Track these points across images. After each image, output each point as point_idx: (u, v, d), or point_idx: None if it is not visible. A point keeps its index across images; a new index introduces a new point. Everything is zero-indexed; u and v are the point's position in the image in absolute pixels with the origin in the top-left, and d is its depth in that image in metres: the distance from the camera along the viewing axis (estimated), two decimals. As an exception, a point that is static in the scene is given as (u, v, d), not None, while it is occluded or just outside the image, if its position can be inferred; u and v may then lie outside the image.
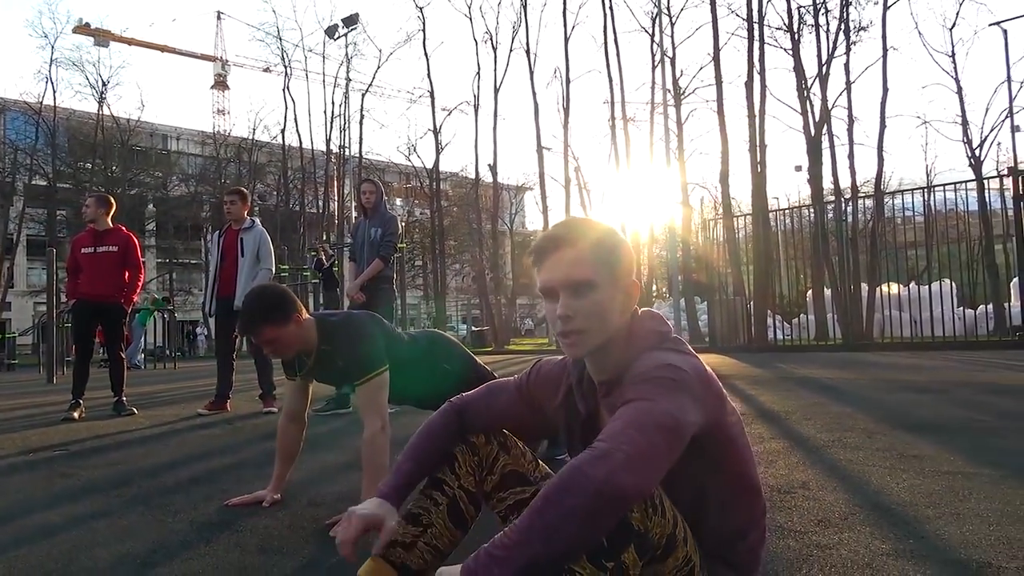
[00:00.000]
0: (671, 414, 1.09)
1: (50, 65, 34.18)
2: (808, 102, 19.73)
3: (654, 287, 33.97)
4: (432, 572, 1.32)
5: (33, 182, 34.72)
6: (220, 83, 48.95)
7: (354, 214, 28.47)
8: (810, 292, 18.23)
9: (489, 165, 29.46)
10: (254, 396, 5.95)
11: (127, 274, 5.87)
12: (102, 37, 40.47)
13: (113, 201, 6.13)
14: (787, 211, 17.37)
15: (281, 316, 2.35)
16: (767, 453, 3.22)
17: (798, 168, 29.80)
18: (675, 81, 23.09)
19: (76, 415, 5.51)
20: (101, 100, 35.03)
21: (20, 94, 34.41)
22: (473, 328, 25.72)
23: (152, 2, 79.94)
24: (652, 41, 23.75)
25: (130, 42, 44.61)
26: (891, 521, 2.16)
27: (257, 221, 5.93)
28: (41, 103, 33.85)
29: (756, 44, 19.25)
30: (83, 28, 39.84)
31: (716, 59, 20.11)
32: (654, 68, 23.85)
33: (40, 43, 42.75)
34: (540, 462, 1.54)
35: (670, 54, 23.08)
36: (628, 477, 1.02)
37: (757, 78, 19.03)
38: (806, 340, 14.73)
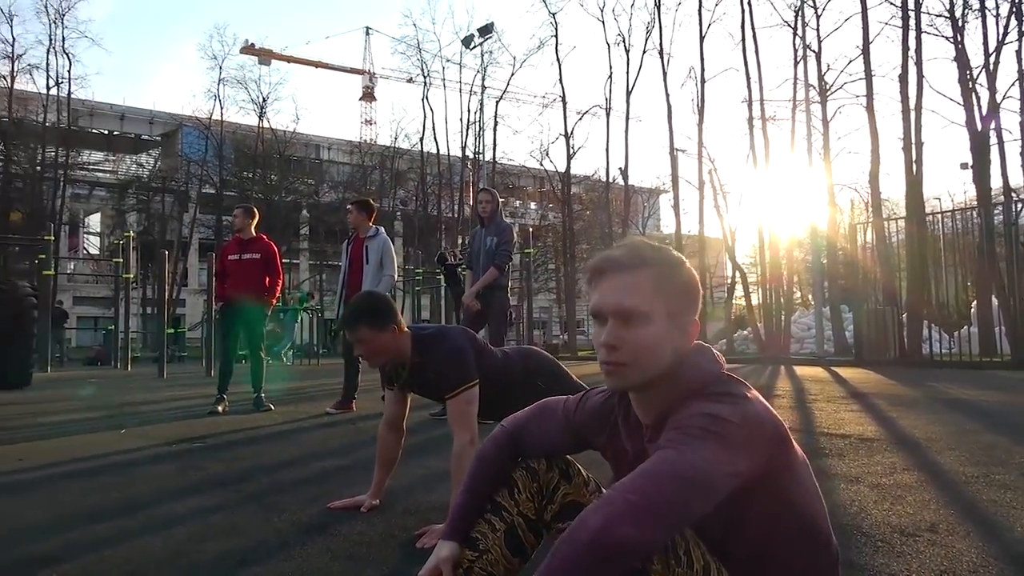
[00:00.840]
0: (695, 466, 1.01)
1: (218, 84, 37.43)
2: (973, 94, 18.01)
3: (796, 294, 32.24)
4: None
5: (203, 191, 38.14)
6: (368, 95, 51.47)
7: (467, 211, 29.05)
8: (975, 302, 16.60)
9: (620, 168, 29.21)
10: (379, 397, 6.18)
11: (268, 279, 6.30)
12: (265, 56, 43.69)
13: (257, 212, 6.60)
14: (948, 213, 15.90)
15: (379, 321, 2.46)
16: (895, 487, 2.94)
17: (964, 166, 27.23)
18: (820, 76, 21.78)
19: (220, 409, 5.96)
20: (261, 114, 37.91)
21: (193, 111, 37.92)
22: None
23: (308, 21, 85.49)
24: (795, 35, 22.51)
25: (289, 60, 47.82)
26: (1029, 578, 1.91)
27: (381, 230, 6.16)
28: (210, 119, 37.11)
29: (912, 33, 17.82)
30: (248, 49, 43.20)
31: (866, 51, 18.80)
32: (796, 63, 22.63)
33: (210, 64, 46.76)
34: (603, 491, 1.48)
35: (814, 48, 21.82)
36: (628, 528, 0.96)
37: (913, 70, 17.61)
38: (968, 355, 13.39)
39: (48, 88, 31.81)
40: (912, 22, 17.89)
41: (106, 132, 42.98)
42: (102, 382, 10.69)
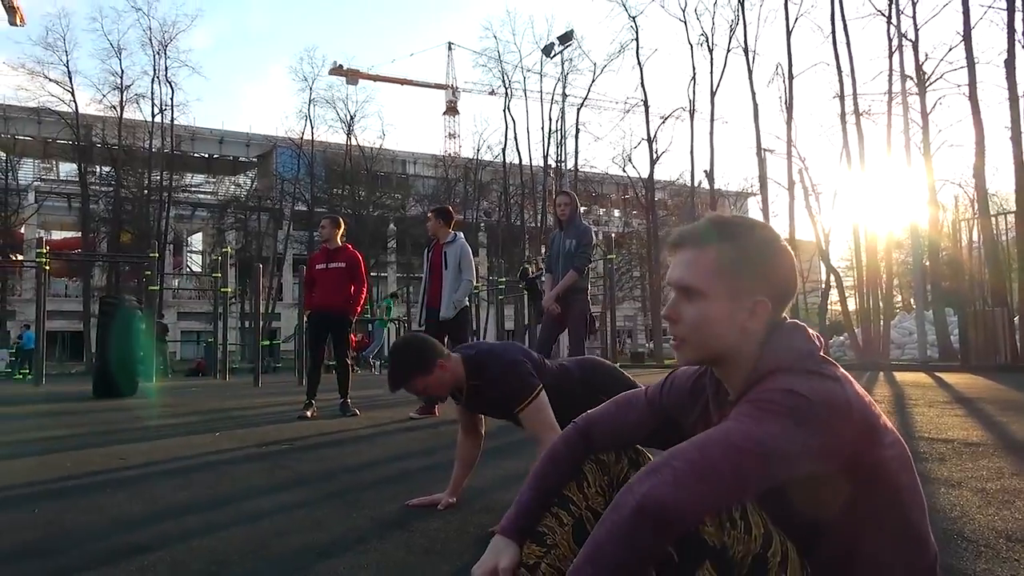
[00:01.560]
0: (751, 435, 0.97)
1: (308, 104, 38.98)
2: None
3: (897, 298, 30.67)
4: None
5: (296, 208, 39.73)
6: (451, 108, 52.51)
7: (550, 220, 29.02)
8: (1098, 302, 15.33)
9: (705, 171, 28.61)
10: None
11: (353, 288, 6.47)
12: (352, 76, 45.27)
13: (342, 222, 6.81)
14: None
15: (425, 366, 2.43)
16: (1001, 492, 2.73)
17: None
18: (918, 67, 20.66)
19: (309, 414, 6.15)
20: (349, 132, 39.24)
21: (286, 132, 39.62)
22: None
23: (392, 40, 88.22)
24: (889, 24, 21.44)
25: (375, 78, 49.37)
26: None
27: (460, 235, 6.24)
28: (301, 138, 38.67)
29: (1019, 15, 16.71)
30: (337, 69, 44.87)
31: (967, 38, 17.75)
32: (892, 54, 21.53)
33: (300, 85, 48.75)
34: None
35: (911, 37, 20.73)
36: (672, 494, 0.94)
37: (1021, 54, 16.50)
38: (1091, 359, 12.38)
39: (153, 115, 33.98)
40: (1019, 3, 16.80)
41: (206, 156, 45.49)
42: (201, 390, 11.25)
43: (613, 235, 24.78)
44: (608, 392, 2.62)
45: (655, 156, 31.23)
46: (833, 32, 22.42)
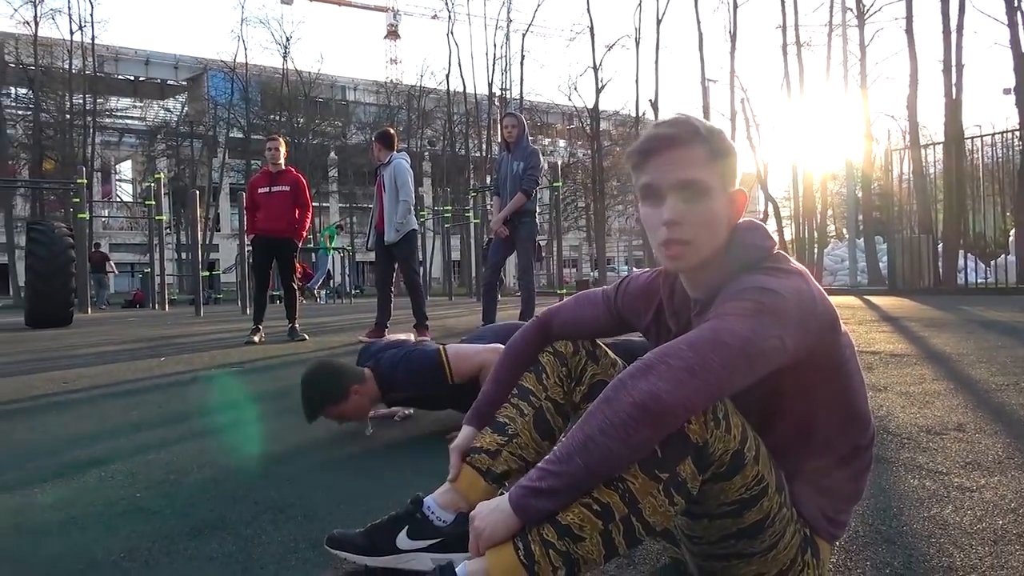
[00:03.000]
0: (738, 334, 1.01)
1: (241, 24, 37.10)
2: (1019, 12, 17.12)
3: (831, 227, 31.66)
4: (518, 478, 1.33)
5: (231, 135, 38.19)
6: (392, 32, 50.70)
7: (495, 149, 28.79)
8: (1013, 231, 16.15)
9: (650, 101, 28.54)
10: (411, 326, 6.27)
11: (297, 212, 6.34)
12: (287, -4, 43.03)
13: (285, 142, 6.61)
14: (988, 138, 15.31)
15: (338, 394, 2.33)
16: (923, 395, 2.93)
17: (1007, 91, 26.14)
18: (859, -1, 20.86)
19: (256, 339, 6.10)
20: (285, 55, 37.58)
21: (217, 53, 37.69)
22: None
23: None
24: (833, -46, 21.48)
25: (311, -1, 47.10)
26: (1056, 468, 1.91)
27: (396, 155, 6.06)
28: (235, 61, 36.89)
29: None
30: (269, -12, 42.58)
31: (908, -30, 17.89)
32: (835, -15, 21.65)
33: (232, 3, 46.22)
34: None
35: (854, -32, 20.82)
36: (669, 390, 0.97)
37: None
38: (1005, 283, 13.11)
39: (72, 32, 31.80)
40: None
41: (132, 78, 43.04)
42: (141, 320, 10.98)
43: (559, 164, 24.69)
44: None
45: (600, 85, 30.97)
46: (779, -40, 22.31)
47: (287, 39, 37.55)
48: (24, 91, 32.45)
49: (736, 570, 1.15)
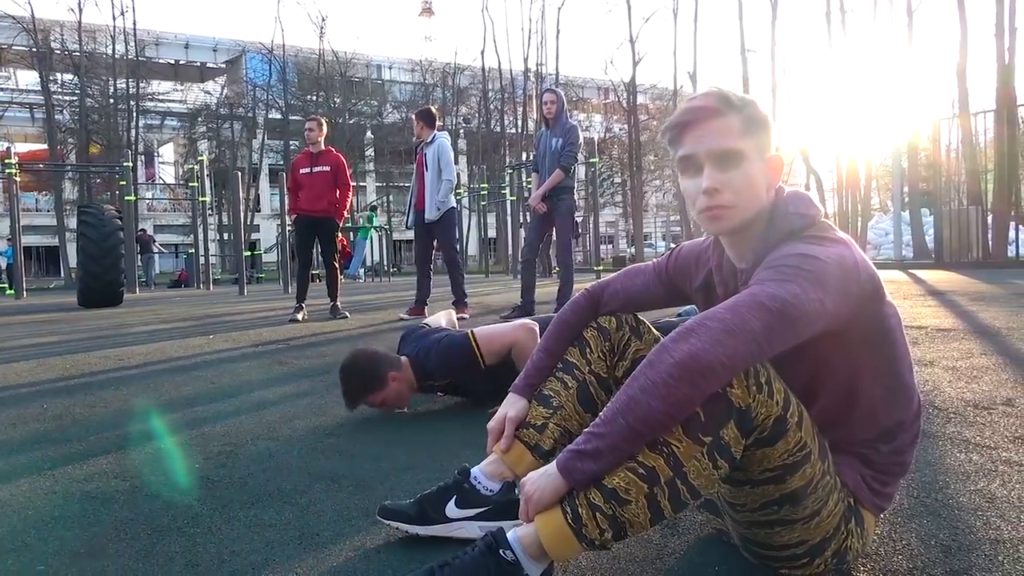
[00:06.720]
0: (779, 297, 1.03)
1: (277, 5, 37.25)
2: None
3: (876, 199, 30.88)
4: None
5: (270, 116, 38.63)
6: (426, 10, 50.58)
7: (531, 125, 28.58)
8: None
9: (689, 73, 28.05)
10: (450, 303, 6.34)
11: (338, 191, 6.44)
12: (321, -26, 43.14)
13: (326, 123, 6.69)
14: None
15: (377, 383, 2.39)
16: (970, 369, 2.88)
17: (1066, 54, 25.03)
18: (908, -39, 20.09)
19: (300, 317, 6.23)
20: (321, 35, 37.76)
21: (254, 36, 38.05)
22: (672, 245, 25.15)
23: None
24: (880, -83, 20.72)
25: (344, -23, 47.07)
26: (1109, 442, 1.88)
27: (438, 134, 6.14)
28: (272, 42, 37.20)
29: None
30: (305, -33, 42.75)
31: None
32: (882, -52, 20.92)
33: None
34: None
35: (902, -70, 20.06)
36: (709, 349, 0.99)
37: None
38: (1060, 256, 12.71)
39: (114, 17, 32.35)
40: None
41: (172, 61, 43.71)
42: (187, 299, 11.27)
43: (595, 139, 24.46)
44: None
45: (636, 58, 30.50)
46: (822, -77, 21.60)
47: (323, 19, 37.72)
48: (70, 77, 33.18)
49: (779, 537, 1.17)
